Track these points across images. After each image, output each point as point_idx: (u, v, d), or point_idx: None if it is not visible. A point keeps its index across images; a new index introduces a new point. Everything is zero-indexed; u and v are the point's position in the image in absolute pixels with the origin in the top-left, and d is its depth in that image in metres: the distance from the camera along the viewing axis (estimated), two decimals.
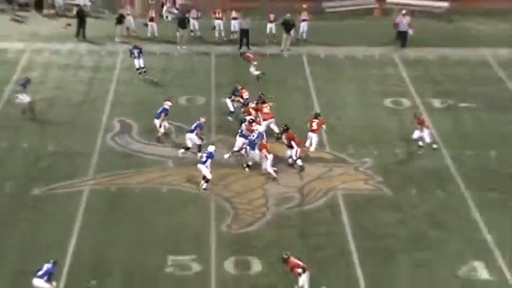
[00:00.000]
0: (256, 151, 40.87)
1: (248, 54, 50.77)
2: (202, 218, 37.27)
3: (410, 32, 57.42)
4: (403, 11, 58.60)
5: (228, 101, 45.84)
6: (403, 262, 34.30)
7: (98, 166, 41.32)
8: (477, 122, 46.66)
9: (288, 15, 57.46)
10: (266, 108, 44.00)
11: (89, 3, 62.72)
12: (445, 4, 64.99)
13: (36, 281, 31.20)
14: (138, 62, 51.70)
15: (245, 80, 48.22)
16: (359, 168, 41.67)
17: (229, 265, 33.80)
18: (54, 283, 31.24)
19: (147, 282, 32.80)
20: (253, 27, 57.18)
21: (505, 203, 38.55)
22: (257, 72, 50.59)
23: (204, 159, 39.24)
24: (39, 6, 64.08)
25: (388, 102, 49.17)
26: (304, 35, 58.64)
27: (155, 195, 39.14)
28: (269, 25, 57.97)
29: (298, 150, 41.31)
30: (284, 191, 39.54)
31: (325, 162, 42.22)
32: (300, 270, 31.05)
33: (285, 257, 31.73)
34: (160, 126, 43.69)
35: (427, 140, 42.94)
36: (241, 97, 45.62)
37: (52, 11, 63.69)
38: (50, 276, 31.20)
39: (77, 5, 61.60)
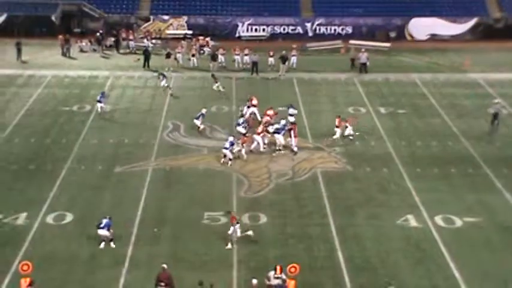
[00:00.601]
0: (281, 136, 41.52)
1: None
2: (227, 187, 37.34)
3: (367, 63, 57.35)
4: (363, 49, 58.61)
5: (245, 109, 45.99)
6: (361, 215, 34.52)
7: (157, 153, 41.28)
8: (409, 123, 46.55)
9: (283, 52, 57.58)
10: (270, 111, 44.33)
11: (151, 45, 62.52)
12: (388, 44, 64.77)
13: (100, 231, 31.47)
14: (162, 83, 51.74)
15: (254, 94, 47.91)
16: (331, 154, 41.67)
17: (245, 218, 33.93)
18: (111, 231, 31.44)
19: (190, 229, 33.00)
20: (260, 60, 57.16)
21: (427, 176, 38.71)
22: (218, 88, 51.30)
23: (227, 145, 39.54)
24: (116, 47, 64.05)
25: (350, 109, 49.03)
26: (294, 65, 58.27)
27: (195, 172, 39.13)
28: (270, 59, 57.86)
29: (295, 139, 41.61)
30: (282, 168, 39.60)
31: (308, 149, 42.22)
32: (234, 221, 31.48)
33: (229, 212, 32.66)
34: (199, 125, 44.02)
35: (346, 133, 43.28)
36: (251, 102, 45.78)
37: (127, 50, 63.58)
38: (109, 227, 31.50)
39: (144, 46, 61.45)
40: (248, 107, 45.93)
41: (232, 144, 40.00)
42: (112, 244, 31.40)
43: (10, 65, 58.20)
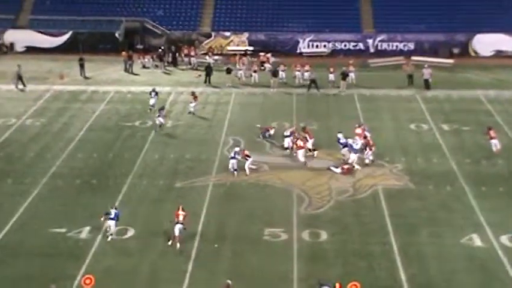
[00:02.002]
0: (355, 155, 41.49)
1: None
2: (288, 203, 37.25)
3: (430, 79, 56.83)
4: (426, 65, 58.19)
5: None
6: (423, 233, 34.08)
7: (218, 169, 41.36)
8: (473, 140, 45.91)
9: (344, 68, 57.45)
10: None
11: (212, 61, 62.96)
12: (451, 61, 64.23)
13: (110, 222, 33.05)
14: (151, 101, 51.36)
15: (315, 110, 47.97)
16: (393, 170, 41.34)
17: (305, 235, 33.85)
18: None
19: (251, 246, 32.96)
20: (320, 77, 57.06)
21: (492, 194, 38.04)
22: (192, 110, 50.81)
23: (232, 155, 40.83)
24: (174, 63, 64.61)
25: (412, 126, 48.67)
26: (353, 81, 58.14)
27: (256, 188, 39.22)
28: (330, 75, 57.58)
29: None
30: (342, 185, 39.41)
31: (369, 166, 41.86)
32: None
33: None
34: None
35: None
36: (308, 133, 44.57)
37: (189, 66, 64.03)
38: (118, 217, 33.15)
39: (206, 62, 61.88)
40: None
41: (236, 153, 40.62)
42: (110, 237, 33.12)
43: (74, 82, 59.19)
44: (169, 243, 32.75)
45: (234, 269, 30.80)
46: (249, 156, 41.00)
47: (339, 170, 40.99)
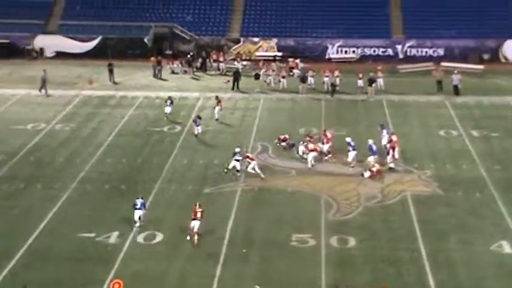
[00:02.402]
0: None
1: None
2: (316, 209, 37.24)
3: (460, 85, 56.67)
4: (455, 71, 58.10)
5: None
6: (452, 240, 34.01)
7: (246, 174, 41.42)
8: (503, 146, 45.83)
9: (371, 74, 57.49)
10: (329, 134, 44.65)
11: (241, 66, 63.20)
12: (481, 67, 64.06)
13: (137, 212, 34.82)
14: (167, 109, 51.22)
15: (344, 116, 48.00)
16: (421, 177, 41.25)
17: (333, 241, 33.85)
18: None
19: (278, 252, 32.96)
20: (349, 82, 57.10)
21: None
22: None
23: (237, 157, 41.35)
24: (202, 68, 64.90)
25: (441, 132, 48.58)
26: (382, 87, 58.09)
27: (284, 193, 39.30)
28: (359, 81, 57.57)
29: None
30: (370, 191, 39.43)
31: (398, 172, 41.90)
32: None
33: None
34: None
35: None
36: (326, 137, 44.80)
37: (218, 72, 64.28)
38: (144, 206, 35.13)
39: (234, 68, 62.17)
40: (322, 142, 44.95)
41: (237, 154, 41.27)
42: (137, 225, 34.77)
43: (104, 87, 59.61)
44: (188, 238, 33.58)
45: (262, 274, 30.92)
46: (252, 159, 41.35)
47: (367, 174, 41.08)
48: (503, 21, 67.74)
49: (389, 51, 68.22)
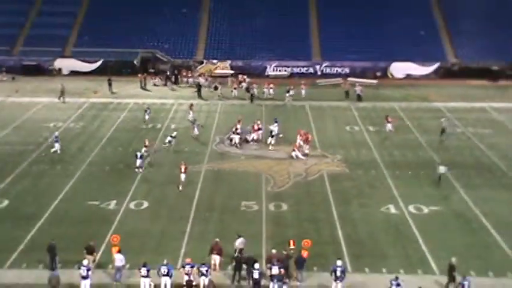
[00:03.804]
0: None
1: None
2: (258, 183, 37.30)
3: (362, 94, 57.00)
4: (357, 84, 58.56)
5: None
6: (354, 204, 34.46)
7: (208, 158, 41.46)
8: (390, 138, 46.18)
9: (288, 86, 56.93)
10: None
11: (204, 81, 62.71)
12: (375, 81, 64.52)
13: (138, 161, 37.81)
14: (147, 117, 49.22)
15: (278, 116, 47.94)
16: (334, 160, 41.48)
17: (271, 206, 34.02)
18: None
19: (231, 215, 33.03)
20: (281, 92, 56.93)
21: (404, 176, 38.35)
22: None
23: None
24: (175, 82, 64.22)
25: (347, 128, 48.88)
26: (303, 95, 57.51)
27: (235, 172, 39.20)
28: (290, 91, 56.51)
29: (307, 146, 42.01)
30: (297, 170, 39.44)
31: (317, 157, 42.05)
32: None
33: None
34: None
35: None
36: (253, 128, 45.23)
37: (187, 85, 63.54)
38: (142, 157, 38.04)
39: (198, 82, 61.66)
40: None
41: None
42: (140, 170, 37.46)
43: (105, 96, 58.79)
44: (180, 188, 35.32)
45: (219, 230, 30.85)
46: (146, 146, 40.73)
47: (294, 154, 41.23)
48: (390, 49, 68.27)
49: (311, 70, 68.22)
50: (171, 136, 43.13)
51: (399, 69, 67.82)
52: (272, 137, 43.75)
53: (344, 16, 71.70)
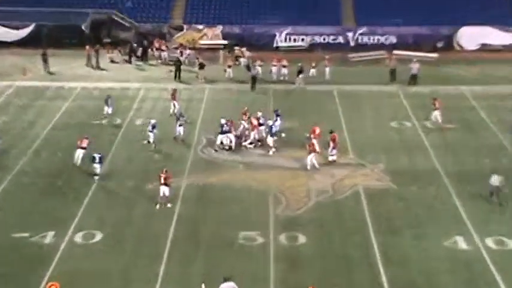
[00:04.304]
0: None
1: None
2: (264, 205, 37.39)
3: (418, 74, 57.13)
4: (414, 59, 58.60)
5: None
6: (405, 235, 34.46)
7: (191, 168, 41.59)
8: (457, 138, 46.57)
9: (299, 64, 57.43)
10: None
11: (184, 56, 62.95)
12: (435, 55, 64.80)
13: (95, 165, 39.24)
14: (106, 109, 49.75)
15: (295, 108, 47.92)
16: (374, 170, 41.70)
17: (282, 239, 34.02)
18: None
19: (224, 250, 33.01)
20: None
21: (479, 195, 38.18)
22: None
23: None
24: (143, 57, 64.68)
25: (394, 124, 49.05)
26: (329, 75, 58.27)
27: (230, 189, 39.28)
28: (312, 70, 57.82)
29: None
30: (322, 186, 39.58)
31: (349, 166, 42.24)
32: None
33: None
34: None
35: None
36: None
37: (159, 61, 64.07)
38: (101, 160, 39.68)
39: (176, 58, 61.83)
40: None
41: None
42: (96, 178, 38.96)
43: (38, 77, 59.02)
44: (157, 206, 36.63)
45: (208, 273, 30.80)
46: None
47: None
48: (457, 7, 68.43)
49: (340, 39, 68.49)
50: (150, 130, 44.22)
51: (471, 37, 68.27)
52: (272, 136, 43.91)
53: None
